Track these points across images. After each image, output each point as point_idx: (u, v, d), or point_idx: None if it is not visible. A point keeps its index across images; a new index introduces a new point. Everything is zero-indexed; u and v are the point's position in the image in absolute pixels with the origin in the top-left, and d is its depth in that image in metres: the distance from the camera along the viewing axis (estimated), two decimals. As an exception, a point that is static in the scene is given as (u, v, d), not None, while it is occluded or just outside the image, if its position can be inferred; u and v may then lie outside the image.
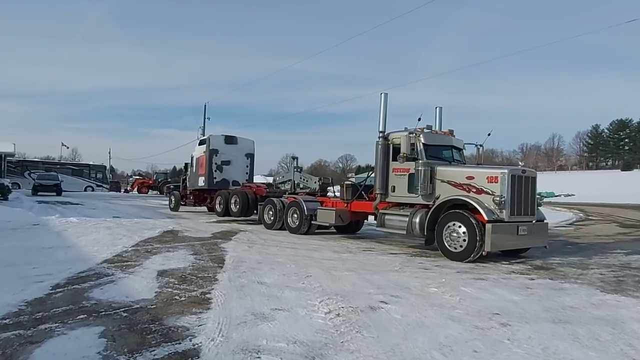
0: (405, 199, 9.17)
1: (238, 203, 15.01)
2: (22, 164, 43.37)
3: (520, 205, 7.97)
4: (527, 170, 8.46)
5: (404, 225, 8.85)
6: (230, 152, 17.83)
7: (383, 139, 9.56)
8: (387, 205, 9.58)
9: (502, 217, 7.66)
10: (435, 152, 9.17)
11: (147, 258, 7.03)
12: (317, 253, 8.31)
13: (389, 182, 9.44)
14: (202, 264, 6.69)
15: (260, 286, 5.34)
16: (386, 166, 9.48)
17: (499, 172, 7.94)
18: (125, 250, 7.75)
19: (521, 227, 7.91)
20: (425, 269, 6.93)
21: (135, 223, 12.56)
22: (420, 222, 8.57)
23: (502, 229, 7.63)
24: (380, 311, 4.41)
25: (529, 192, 8.14)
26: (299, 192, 13.20)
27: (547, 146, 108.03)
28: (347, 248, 9.19)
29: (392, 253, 8.64)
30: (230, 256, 7.50)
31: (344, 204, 11.02)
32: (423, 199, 8.70)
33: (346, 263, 7.26)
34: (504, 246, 8.01)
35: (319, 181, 13.07)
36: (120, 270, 6.00)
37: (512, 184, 7.79)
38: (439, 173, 8.63)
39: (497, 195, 7.68)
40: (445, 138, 9.75)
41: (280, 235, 11.34)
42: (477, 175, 8.12)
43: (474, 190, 8.04)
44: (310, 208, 11.52)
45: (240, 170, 17.99)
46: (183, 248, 8.27)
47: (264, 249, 8.57)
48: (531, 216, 8.23)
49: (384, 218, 9.40)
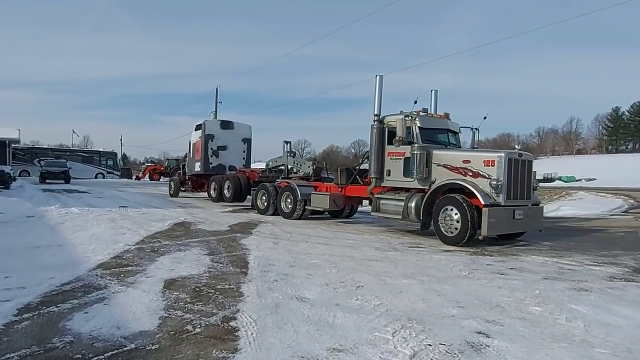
0: (401, 183, 9.00)
1: (231, 188, 14.85)
2: (32, 151, 42.48)
3: (517, 189, 7.80)
4: (523, 154, 8.18)
5: (399, 209, 8.68)
6: (227, 137, 17.65)
7: (378, 123, 9.30)
8: (382, 189, 9.39)
9: (498, 201, 7.48)
10: (431, 136, 8.99)
11: (153, 260, 5.68)
12: (356, 251, 6.90)
13: (384, 166, 9.25)
14: (221, 269, 5.32)
15: (302, 305, 3.94)
16: (381, 150, 9.28)
17: (495, 155, 7.74)
18: (127, 249, 6.41)
19: (517, 211, 7.74)
20: (501, 274, 5.46)
21: (143, 214, 11.27)
22: (416, 206, 8.40)
23: (498, 213, 7.44)
24: (488, 353, 2.98)
25: (525, 176, 7.97)
26: (292, 177, 12.89)
27: (564, 130, 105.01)
28: (389, 244, 7.76)
29: (446, 251, 7.18)
30: (254, 257, 6.12)
31: (338, 189, 10.77)
32: (419, 183, 8.56)
33: (398, 265, 5.83)
34: (501, 230, 7.86)
35: (312, 165, 12.63)
36: (116, 279, 4.65)
37: (508, 168, 7.61)
38: (435, 157, 8.46)
39: (494, 178, 7.51)
40: (441, 122, 9.49)
41: (306, 226, 9.95)
42: (474, 159, 7.94)
43: (470, 174, 7.86)
44: (304, 193, 11.27)
45: (237, 156, 17.81)
46: (196, 245, 6.92)
47: (292, 246, 7.18)
48: (527, 200, 8.07)
49: (380, 203, 9.20)
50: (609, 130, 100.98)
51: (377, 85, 9.34)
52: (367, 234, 9.01)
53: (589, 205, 14.66)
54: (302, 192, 11.28)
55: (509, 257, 6.70)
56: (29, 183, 25.77)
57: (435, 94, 10.64)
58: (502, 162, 7.59)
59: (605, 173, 61.76)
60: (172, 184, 19.84)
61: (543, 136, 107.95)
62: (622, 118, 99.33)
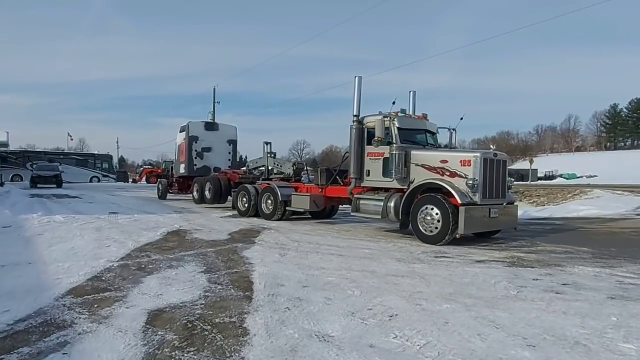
0: (380, 183, 9.02)
1: (211, 189, 14.81)
2: (24, 155, 41.31)
3: (492, 188, 7.95)
4: (498, 154, 8.33)
5: (379, 209, 8.70)
6: (211, 138, 17.59)
7: (357, 123, 9.30)
8: (362, 189, 9.39)
9: (474, 200, 7.60)
10: (409, 136, 9.05)
11: (137, 282, 4.74)
12: (376, 264, 5.97)
13: (363, 167, 9.26)
14: (220, 292, 4.38)
15: (326, 347, 3.01)
16: (361, 150, 9.29)
17: (471, 155, 7.88)
18: (108, 266, 5.47)
19: (493, 210, 7.93)
20: (556, 293, 4.54)
21: (134, 221, 10.31)
22: (395, 206, 8.44)
23: (474, 212, 7.58)
24: None
25: (500, 175, 8.11)
26: (273, 178, 12.85)
27: (563, 127, 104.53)
28: (410, 253, 6.84)
29: (479, 262, 6.25)
30: (259, 274, 5.18)
31: (318, 189, 10.72)
32: (398, 183, 8.59)
33: (430, 283, 4.90)
34: (477, 228, 8.01)
35: (292, 166, 12.62)
36: (87, 312, 3.71)
37: (484, 167, 7.75)
38: (413, 157, 8.51)
39: (470, 178, 7.62)
40: (419, 122, 9.58)
41: (314, 233, 9.02)
42: (451, 159, 8.02)
43: (447, 174, 7.95)
44: (284, 194, 11.19)
45: (221, 157, 17.75)
46: (191, 260, 5.98)
47: (302, 258, 6.25)
48: (502, 199, 8.22)
49: (359, 203, 9.21)
50: (607, 127, 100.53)
51: (356, 86, 9.34)
52: (383, 241, 8.08)
53: (610, 205, 13.81)
54: (282, 193, 11.20)
55: (553, 268, 5.78)
56: (18, 188, 24.76)
57: (414, 95, 10.69)
58: (477, 162, 7.69)
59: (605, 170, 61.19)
60: (160, 187, 19.71)
61: (542, 134, 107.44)
62: (620, 115, 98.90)
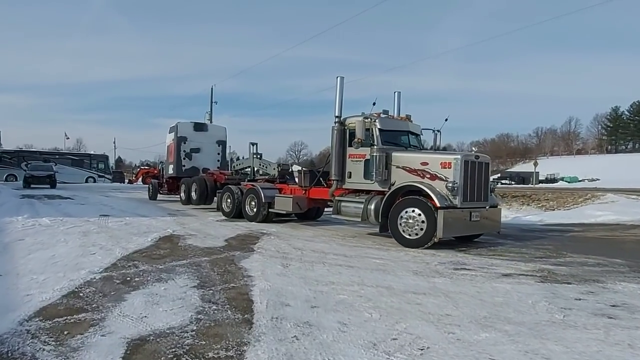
0: (362, 186, 8.88)
1: (197, 190, 14.82)
2: (19, 155, 40.59)
3: (474, 191, 7.85)
4: (480, 156, 8.21)
5: (359, 212, 8.57)
6: (200, 139, 17.51)
7: (339, 124, 9.18)
8: (344, 192, 9.26)
9: (455, 203, 7.49)
10: (392, 138, 8.95)
11: (119, 300, 4.07)
12: (391, 277, 5.31)
13: (345, 169, 9.12)
14: (215, 314, 3.72)
15: (348, 398, 2.35)
16: (342, 152, 9.15)
17: (452, 157, 7.79)
18: (89, 279, 4.80)
19: (474, 213, 7.78)
20: (608, 317, 3.88)
21: (125, 225, 9.63)
22: (375, 208, 8.29)
23: (454, 215, 7.47)
24: None
25: (482, 178, 8.02)
26: (259, 179, 12.77)
27: (563, 130, 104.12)
28: (427, 264, 6.18)
29: (505, 275, 5.60)
30: (260, 290, 4.52)
31: (302, 191, 10.58)
32: (379, 186, 8.47)
33: (458, 303, 4.25)
34: (457, 232, 7.91)
35: (277, 167, 12.45)
36: (54, 341, 3.05)
37: (464, 170, 7.65)
38: (394, 159, 8.40)
39: (450, 181, 7.51)
40: (401, 123, 9.47)
41: (317, 240, 8.36)
42: (431, 161, 7.92)
43: (428, 176, 7.86)
44: (267, 195, 11.05)
45: (210, 158, 17.64)
46: (183, 271, 5.31)
47: (307, 270, 5.59)
48: (484, 202, 8.13)
49: (340, 205, 9.10)
50: (608, 130, 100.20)
51: (338, 87, 9.18)
52: (394, 250, 7.42)
53: (628, 210, 13.16)
54: (265, 195, 11.05)
55: (592, 284, 5.12)
56: (10, 188, 24.00)
57: (399, 95, 10.54)
58: (458, 164, 7.57)
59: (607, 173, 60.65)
60: (151, 187, 19.81)
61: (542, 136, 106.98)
62: (622, 118, 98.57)
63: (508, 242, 8.73)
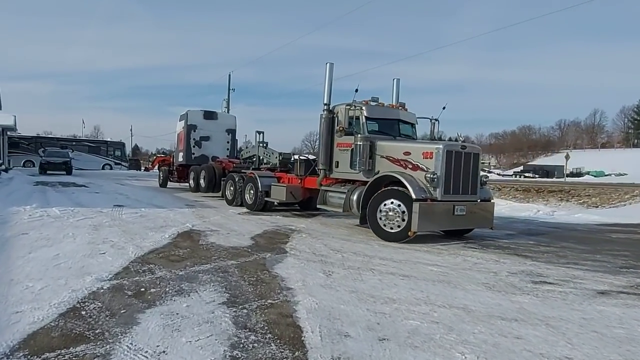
0: (348, 175, 8.59)
1: (206, 178, 14.79)
2: (37, 141, 40.45)
3: (458, 183, 7.35)
4: (467, 146, 7.72)
5: (342, 202, 8.32)
6: (210, 127, 17.45)
7: (327, 112, 8.87)
8: (332, 181, 9.04)
9: (435, 196, 7.08)
10: (381, 126, 8.60)
11: (131, 324, 3.17)
12: (461, 293, 4.32)
13: (333, 158, 8.85)
14: (255, 352, 2.78)
15: None
16: (330, 141, 8.86)
17: (434, 147, 7.33)
18: (95, 290, 3.92)
19: (458, 207, 7.30)
20: None
21: (140, 217, 8.80)
22: (357, 199, 8.00)
23: (433, 208, 7.03)
24: None
25: (469, 170, 7.51)
26: (262, 168, 12.49)
27: (587, 122, 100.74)
28: (495, 275, 5.17)
29: (601, 293, 4.56)
30: (306, 310, 3.57)
31: (298, 180, 10.35)
32: (363, 175, 8.14)
33: (570, 338, 3.24)
34: (437, 226, 7.54)
35: (279, 156, 12.11)
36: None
37: (447, 160, 7.19)
38: (379, 148, 8.06)
39: (430, 171, 7.12)
40: (392, 111, 9.02)
41: (354, 238, 7.39)
42: (414, 151, 7.54)
43: (410, 167, 7.50)
44: (265, 184, 10.91)
45: (220, 146, 17.56)
46: (208, 280, 4.40)
47: (355, 280, 4.63)
48: (472, 195, 7.64)
49: (326, 195, 8.87)
50: (635, 123, 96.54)
51: (327, 73, 8.85)
52: (446, 253, 6.42)
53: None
54: (263, 184, 10.92)
55: None
56: (25, 174, 23.51)
57: (397, 82, 10.12)
58: (440, 155, 7.15)
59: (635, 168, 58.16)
60: (161, 174, 19.81)
61: (564, 129, 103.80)
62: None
63: (571, 244, 7.67)
